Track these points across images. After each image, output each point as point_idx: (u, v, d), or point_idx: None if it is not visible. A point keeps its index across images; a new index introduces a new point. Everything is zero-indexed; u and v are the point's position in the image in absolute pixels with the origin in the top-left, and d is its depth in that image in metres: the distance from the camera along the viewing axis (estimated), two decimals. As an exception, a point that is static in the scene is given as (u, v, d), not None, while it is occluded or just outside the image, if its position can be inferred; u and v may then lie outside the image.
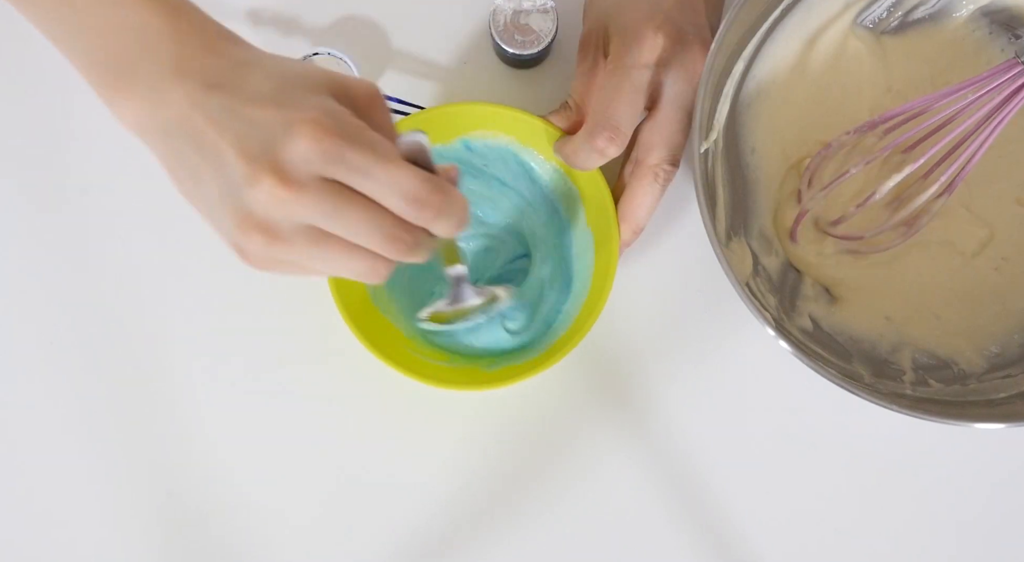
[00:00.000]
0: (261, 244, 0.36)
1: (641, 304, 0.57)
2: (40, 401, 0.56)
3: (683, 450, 0.56)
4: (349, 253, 0.37)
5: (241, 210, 0.36)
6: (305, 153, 0.34)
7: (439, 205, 0.37)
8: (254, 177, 0.34)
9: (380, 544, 0.56)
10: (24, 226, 0.58)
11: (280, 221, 0.35)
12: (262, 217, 0.35)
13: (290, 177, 0.34)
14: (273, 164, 0.34)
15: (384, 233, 0.37)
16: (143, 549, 0.56)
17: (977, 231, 0.56)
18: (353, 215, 0.36)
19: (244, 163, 0.35)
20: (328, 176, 0.35)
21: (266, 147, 0.35)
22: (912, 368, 0.54)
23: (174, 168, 0.38)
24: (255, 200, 0.35)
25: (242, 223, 0.36)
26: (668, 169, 0.51)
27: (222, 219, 0.37)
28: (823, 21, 0.55)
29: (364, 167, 0.35)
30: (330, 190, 0.35)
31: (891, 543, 0.57)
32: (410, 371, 0.51)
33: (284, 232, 0.36)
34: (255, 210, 0.35)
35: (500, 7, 0.55)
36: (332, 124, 0.35)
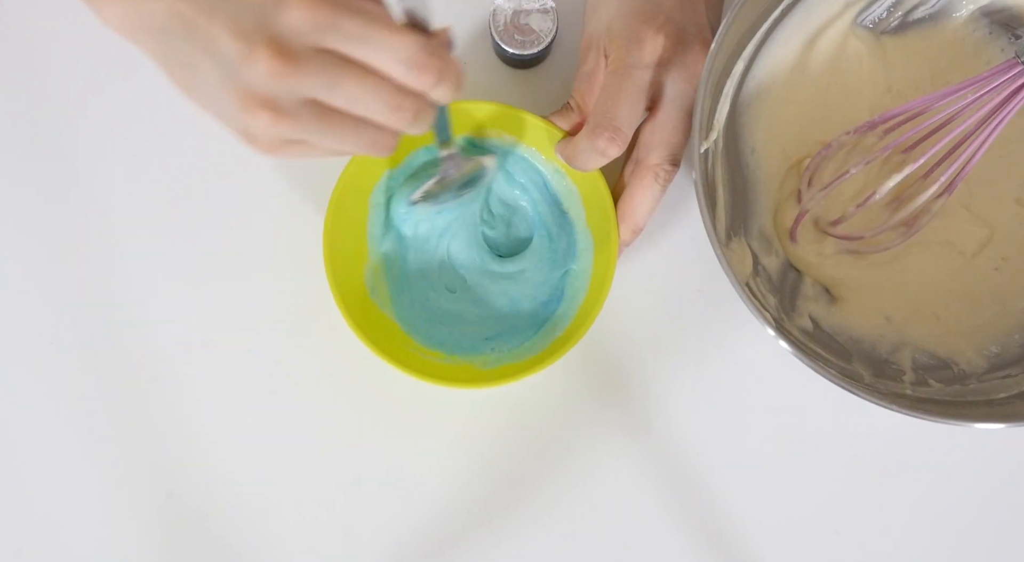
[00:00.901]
0: (266, 121, 0.35)
1: (641, 304, 0.57)
2: (40, 401, 0.56)
3: (683, 449, 0.56)
4: (353, 126, 0.37)
5: (242, 90, 0.35)
6: (299, 23, 0.34)
7: (438, 69, 0.36)
8: (250, 53, 0.34)
9: (380, 544, 0.56)
10: (24, 226, 0.58)
11: (282, 95, 0.35)
12: (264, 93, 0.35)
13: (286, 49, 0.34)
14: (267, 37, 0.34)
15: (386, 101, 0.36)
16: (143, 549, 0.56)
17: (977, 231, 0.56)
18: (353, 84, 0.35)
19: (238, 41, 0.34)
20: (325, 46, 0.35)
21: (259, 22, 0.34)
22: (912, 368, 0.54)
23: (169, 65, 0.37)
24: (254, 76, 0.34)
25: (245, 102, 0.35)
26: (668, 169, 0.51)
27: (225, 104, 0.36)
28: (823, 21, 0.55)
29: (360, 34, 0.35)
30: (328, 60, 0.35)
31: (891, 543, 0.57)
32: (406, 367, 0.51)
33: (287, 107, 0.35)
34: (255, 86, 0.35)
35: (500, 7, 0.55)
36: None
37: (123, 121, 0.58)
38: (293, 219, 0.57)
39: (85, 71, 0.58)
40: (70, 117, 0.58)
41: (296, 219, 0.57)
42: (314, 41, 0.34)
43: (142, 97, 0.58)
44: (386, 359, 0.51)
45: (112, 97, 0.58)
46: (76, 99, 0.58)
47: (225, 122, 0.37)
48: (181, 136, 0.57)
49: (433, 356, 0.54)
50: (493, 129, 0.54)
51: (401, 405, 0.56)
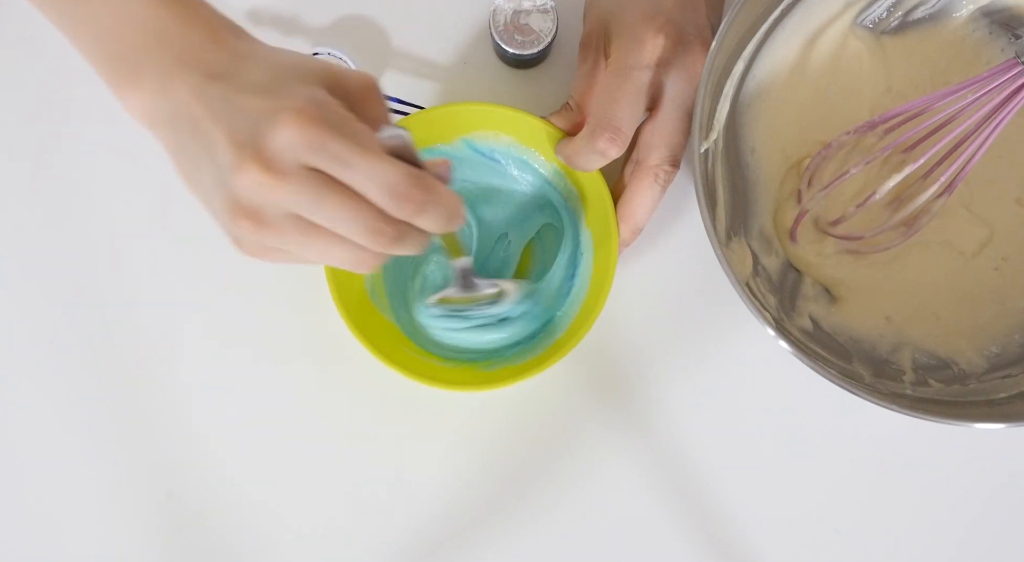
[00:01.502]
0: (249, 230, 0.37)
1: (641, 304, 0.57)
2: (40, 401, 0.56)
3: (683, 449, 0.56)
4: (334, 243, 0.38)
5: (230, 196, 0.36)
6: (288, 141, 0.35)
7: (420, 200, 0.37)
8: (240, 164, 0.35)
9: (379, 544, 0.56)
10: (24, 226, 0.58)
11: (265, 207, 0.36)
12: (248, 204, 0.36)
13: (273, 164, 0.35)
14: (258, 151, 0.35)
15: (366, 225, 0.37)
16: (143, 549, 0.56)
17: (977, 231, 0.56)
18: (334, 205, 0.36)
19: (232, 150, 0.36)
20: (311, 165, 0.36)
21: (253, 134, 0.35)
22: (912, 368, 0.54)
23: (176, 156, 0.39)
24: (241, 186, 0.36)
25: (232, 209, 0.36)
26: (668, 170, 0.51)
27: (216, 206, 0.37)
28: (823, 21, 0.55)
29: (345, 157, 0.36)
30: (312, 179, 0.36)
31: (891, 543, 0.57)
32: (407, 370, 0.51)
33: (270, 219, 0.36)
34: (242, 196, 0.36)
35: (500, 7, 0.55)
36: (317, 113, 0.35)
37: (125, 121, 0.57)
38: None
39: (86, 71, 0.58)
40: (71, 117, 0.58)
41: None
42: (302, 159, 0.35)
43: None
44: (386, 362, 0.51)
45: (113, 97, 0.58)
46: (77, 99, 0.58)
47: (217, 221, 0.38)
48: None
49: (433, 359, 0.54)
50: (492, 130, 0.54)
51: (401, 406, 0.56)
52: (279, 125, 0.35)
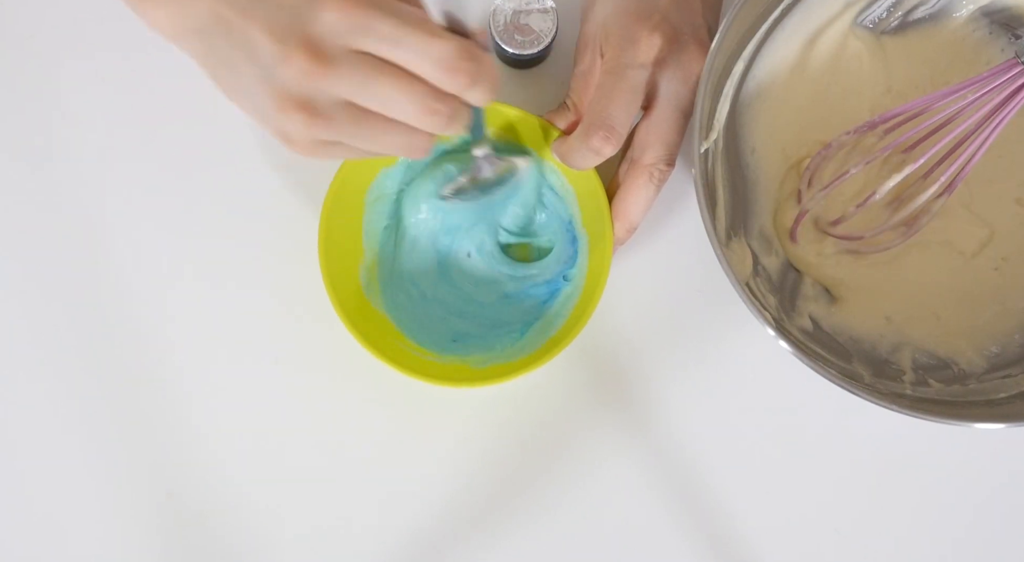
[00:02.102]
0: (302, 123, 0.36)
1: (641, 304, 0.57)
2: (40, 401, 0.56)
3: (683, 449, 0.56)
4: (389, 128, 0.37)
5: (278, 90, 0.35)
6: (333, 25, 0.34)
7: (472, 71, 0.36)
8: (285, 55, 0.34)
9: (378, 544, 0.56)
10: (25, 226, 0.58)
11: (317, 97, 0.35)
12: (299, 94, 0.35)
13: (320, 51, 0.34)
14: (302, 39, 0.34)
15: (420, 105, 0.36)
16: (143, 549, 0.56)
17: (977, 231, 0.56)
18: (387, 87, 0.35)
19: (274, 43, 0.34)
20: (359, 48, 0.35)
21: (294, 24, 0.34)
22: (912, 368, 0.54)
23: (211, 65, 0.37)
24: (289, 78, 0.35)
25: (281, 103, 0.35)
26: (663, 169, 0.51)
27: (263, 105, 0.36)
28: (823, 21, 0.55)
29: (394, 36, 0.35)
30: (362, 62, 0.35)
31: (891, 543, 0.57)
32: (400, 366, 0.51)
33: (323, 108, 0.35)
34: (291, 88, 0.35)
35: (500, 7, 0.55)
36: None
37: (125, 120, 0.58)
38: (288, 217, 0.57)
39: (86, 71, 0.58)
40: (70, 117, 0.58)
41: (292, 217, 0.57)
42: (348, 42, 0.34)
43: (141, 97, 0.58)
44: (379, 357, 0.51)
45: (114, 96, 0.58)
46: (77, 98, 0.58)
47: (263, 123, 0.37)
48: (179, 135, 0.57)
49: (427, 354, 0.54)
50: (490, 129, 0.54)
51: (401, 406, 0.56)
52: (321, 10, 0.34)
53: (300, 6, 0.34)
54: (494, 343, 0.55)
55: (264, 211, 0.57)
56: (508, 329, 0.55)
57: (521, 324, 0.55)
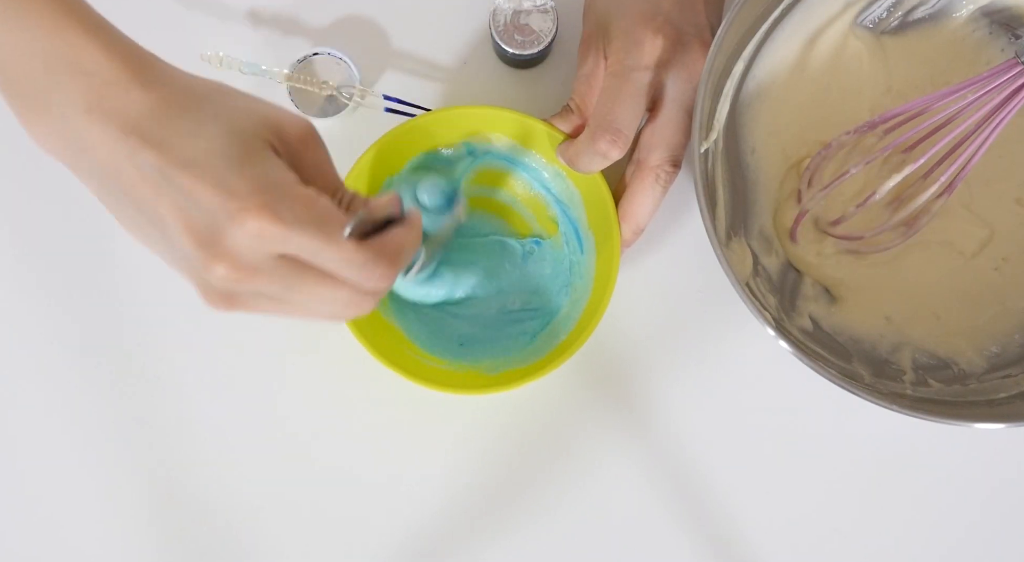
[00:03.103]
0: (224, 307, 0.37)
1: (641, 304, 0.57)
2: (39, 401, 0.56)
3: (683, 449, 0.56)
4: (312, 311, 0.38)
5: (200, 280, 0.36)
6: (251, 240, 0.34)
7: (390, 272, 0.38)
8: (207, 262, 0.34)
9: (380, 544, 0.56)
10: (25, 226, 0.58)
11: (239, 292, 0.36)
12: (221, 289, 0.36)
13: (242, 263, 0.34)
14: (223, 251, 0.34)
15: (344, 300, 0.38)
16: (143, 549, 0.56)
17: (977, 231, 0.56)
18: (308, 291, 0.36)
19: (193, 245, 0.34)
20: (281, 254, 0.35)
21: (213, 233, 0.34)
22: (912, 368, 0.54)
23: (112, 208, 0.37)
24: (212, 278, 0.35)
25: (202, 290, 0.36)
26: (669, 170, 0.51)
27: (181, 273, 0.37)
28: (823, 21, 0.55)
29: (313, 250, 0.35)
30: (283, 267, 0.36)
31: (891, 543, 0.57)
32: (413, 375, 0.51)
33: (244, 298, 0.36)
34: (214, 285, 0.36)
35: (500, 7, 0.55)
36: (274, 208, 0.34)
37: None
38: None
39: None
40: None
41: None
42: (269, 251, 0.35)
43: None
44: (392, 368, 0.51)
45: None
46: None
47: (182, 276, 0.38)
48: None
49: (439, 362, 0.54)
50: (493, 133, 0.54)
51: (401, 407, 0.56)
52: (238, 226, 0.34)
53: (216, 214, 0.34)
54: (504, 348, 0.55)
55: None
56: (518, 333, 0.55)
57: (530, 328, 0.55)
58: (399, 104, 0.56)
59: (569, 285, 0.55)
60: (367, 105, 0.56)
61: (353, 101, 0.56)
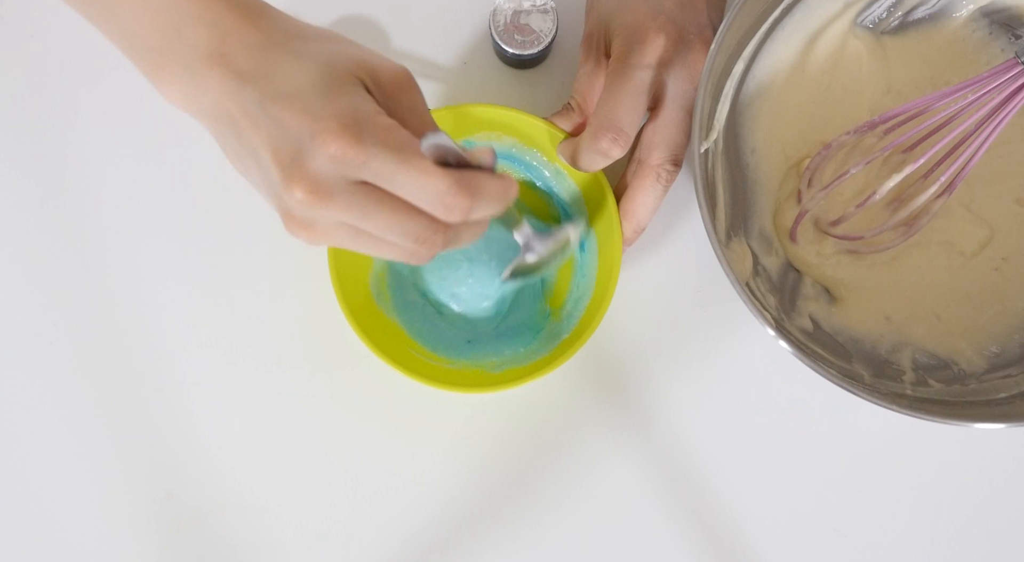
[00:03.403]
0: (304, 236, 0.38)
1: (641, 304, 0.57)
2: (39, 401, 0.56)
3: (683, 449, 0.56)
4: (386, 245, 0.39)
5: (282, 206, 0.37)
6: (330, 162, 0.35)
7: (467, 206, 0.38)
8: (287, 184, 0.36)
9: (380, 544, 0.56)
10: (25, 226, 0.58)
11: (318, 219, 0.37)
12: (301, 216, 0.37)
13: (319, 186, 0.36)
14: (302, 173, 0.36)
15: (416, 236, 0.38)
16: (143, 549, 0.56)
17: (977, 231, 0.56)
18: (384, 219, 0.37)
19: (278, 168, 0.36)
20: (358, 179, 0.36)
21: (295, 154, 0.36)
22: (912, 368, 0.54)
23: (223, 146, 0.39)
24: (292, 203, 0.36)
25: (284, 217, 0.38)
26: (670, 169, 0.51)
27: (270, 203, 0.39)
28: (823, 21, 0.55)
29: (389, 174, 0.36)
30: (360, 194, 0.36)
31: (891, 542, 0.57)
32: (415, 374, 0.51)
33: (323, 227, 0.37)
34: (293, 210, 0.37)
35: (500, 7, 0.55)
36: (356, 130, 0.35)
37: (126, 121, 0.58)
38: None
39: (87, 70, 0.58)
40: (71, 116, 0.58)
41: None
42: (347, 175, 0.36)
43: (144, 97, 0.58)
44: (394, 366, 0.51)
45: (115, 96, 0.58)
46: (78, 98, 0.58)
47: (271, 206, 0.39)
48: (185, 136, 0.57)
49: (442, 361, 0.54)
50: (494, 132, 0.54)
51: (401, 406, 0.56)
52: (320, 146, 0.35)
53: (301, 134, 0.36)
54: (505, 347, 0.55)
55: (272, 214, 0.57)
56: (520, 332, 0.55)
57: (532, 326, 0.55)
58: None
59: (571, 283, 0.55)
60: (367, 105, 0.56)
61: (353, 101, 0.56)
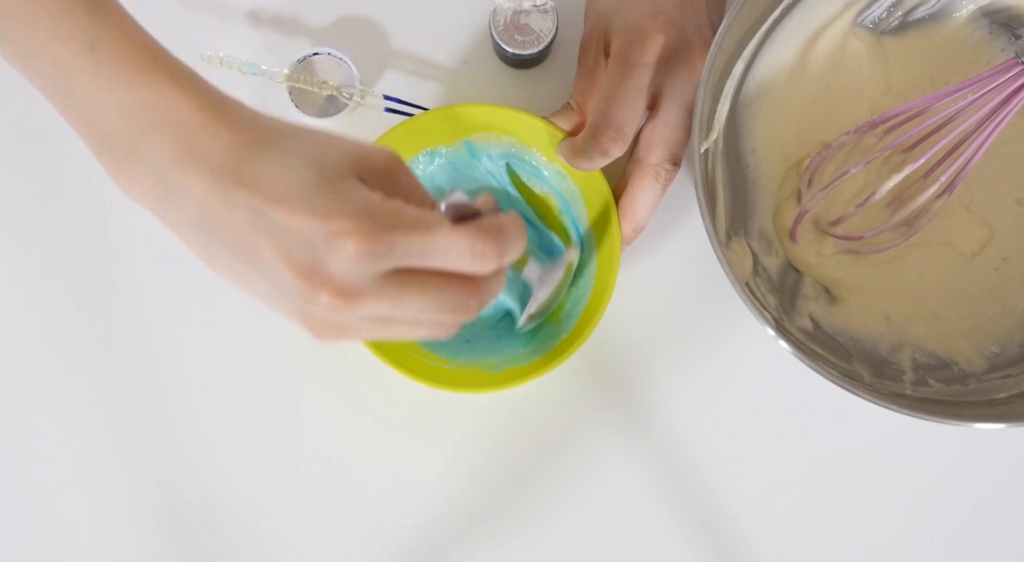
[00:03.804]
0: (335, 339, 0.36)
1: (641, 304, 0.57)
2: (39, 401, 0.56)
3: (683, 449, 0.56)
4: (420, 327, 0.37)
5: (307, 316, 0.35)
6: (355, 262, 0.33)
7: (500, 250, 0.36)
8: (313, 294, 0.34)
9: (380, 545, 0.56)
10: (24, 226, 0.57)
11: (349, 321, 0.35)
12: (331, 321, 0.35)
13: (347, 289, 0.34)
14: (328, 280, 0.33)
15: (451, 306, 0.36)
16: (143, 549, 0.56)
17: (977, 231, 0.56)
18: (417, 301, 0.35)
19: (297, 279, 0.34)
20: (383, 271, 0.34)
21: (314, 261, 0.33)
22: (912, 368, 0.54)
23: (208, 257, 0.36)
24: (319, 311, 0.34)
25: (311, 326, 0.35)
26: (669, 168, 0.51)
27: (285, 313, 0.36)
28: (823, 21, 0.55)
29: (419, 249, 0.34)
30: (389, 284, 0.35)
31: (891, 543, 0.57)
32: (415, 374, 0.51)
33: (355, 326, 0.36)
34: (320, 317, 0.35)
35: (500, 7, 0.55)
36: (372, 224, 0.33)
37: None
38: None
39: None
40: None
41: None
42: (372, 270, 0.34)
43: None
44: (394, 366, 0.51)
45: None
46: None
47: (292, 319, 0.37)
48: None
49: (441, 362, 0.54)
50: (493, 132, 0.54)
51: (402, 406, 0.56)
52: (340, 249, 0.33)
53: (315, 240, 0.33)
54: (504, 347, 0.55)
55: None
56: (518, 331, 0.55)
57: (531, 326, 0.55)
58: (399, 104, 0.56)
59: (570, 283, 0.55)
60: (367, 105, 0.56)
61: (353, 101, 0.56)
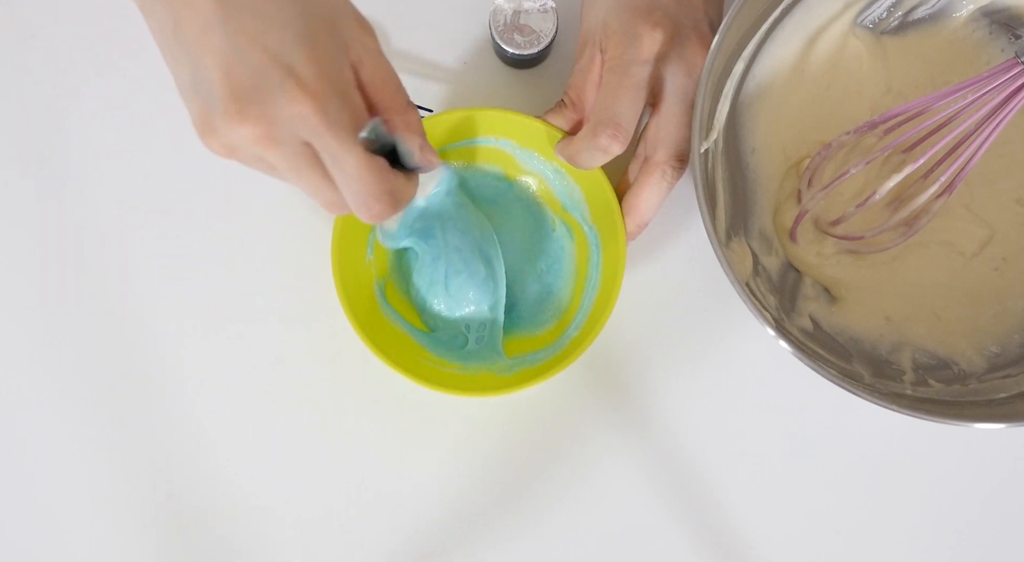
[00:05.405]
0: (219, 153, 0.37)
1: (641, 304, 0.57)
2: (39, 402, 0.56)
3: (683, 449, 0.56)
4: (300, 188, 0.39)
5: (209, 123, 0.36)
6: (292, 118, 0.35)
7: (385, 215, 0.39)
8: (238, 116, 0.35)
9: (380, 545, 0.56)
10: (24, 225, 0.58)
11: (243, 151, 0.36)
12: (228, 141, 0.36)
13: (271, 133, 0.35)
14: (260, 116, 0.35)
15: (327, 201, 0.39)
16: (143, 549, 0.56)
17: (977, 231, 0.56)
18: (309, 180, 0.38)
19: (229, 96, 0.35)
20: (306, 141, 0.36)
21: (258, 94, 0.34)
22: (912, 368, 0.54)
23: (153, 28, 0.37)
24: (228, 130, 0.35)
25: (206, 132, 0.36)
26: (675, 166, 0.51)
27: (190, 106, 0.37)
28: (823, 21, 0.55)
29: (334, 153, 0.37)
30: (300, 155, 0.37)
31: (891, 543, 0.57)
32: (426, 381, 0.51)
33: (246, 156, 0.37)
34: (223, 135, 0.36)
35: (500, 7, 0.55)
36: (323, 98, 0.35)
37: (125, 120, 0.58)
38: (301, 223, 0.57)
39: (87, 69, 0.58)
40: (71, 116, 0.58)
41: (305, 224, 0.57)
42: (300, 135, 0.36)
43: (145, 94, 0.58)
44: (404, 374, 0.50)
45: (114, 96, 0.58)
46: (78, 98, 0.58)
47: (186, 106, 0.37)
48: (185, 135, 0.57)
49: (450, 367, 0.53)
50: (492, 134, 0.54)
51: (402, 406, 0.56)
52: (291, 101, 0.35)
53: (268, 75, 0.34)
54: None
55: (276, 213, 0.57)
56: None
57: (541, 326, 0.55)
58: (400, 104, 0.56)
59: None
60: (367, 105, 0.56)
61: (353, 101, 0.56)
